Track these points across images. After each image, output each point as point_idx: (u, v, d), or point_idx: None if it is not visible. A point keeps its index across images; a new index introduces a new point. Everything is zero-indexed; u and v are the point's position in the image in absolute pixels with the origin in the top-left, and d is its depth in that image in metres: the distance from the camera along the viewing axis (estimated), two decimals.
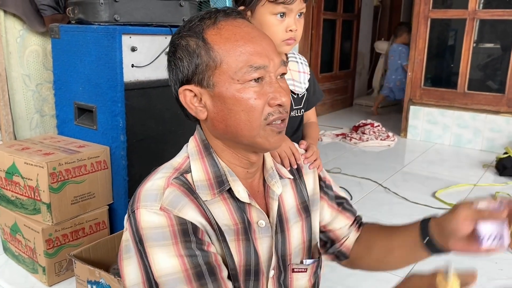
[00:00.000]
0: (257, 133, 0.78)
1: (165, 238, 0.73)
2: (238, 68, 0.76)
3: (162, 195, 0.76)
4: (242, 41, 0.77)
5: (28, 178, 1.72)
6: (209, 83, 0.78)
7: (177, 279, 0.72)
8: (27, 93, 2.32)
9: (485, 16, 3.88)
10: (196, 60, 0.78)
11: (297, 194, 0.95)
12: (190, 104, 0.81)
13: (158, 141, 1.98)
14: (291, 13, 1.17)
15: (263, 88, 0.78)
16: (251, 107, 0.77)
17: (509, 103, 3.78)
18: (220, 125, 0.80)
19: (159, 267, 0.72)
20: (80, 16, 1.87)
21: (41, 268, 1.74)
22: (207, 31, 0.78)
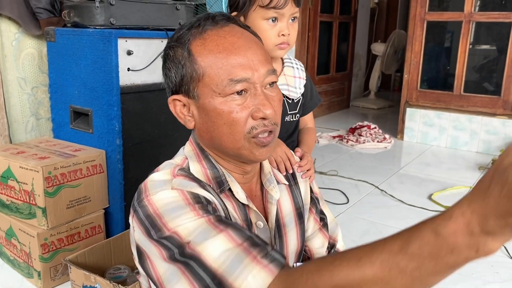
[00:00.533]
0: (241, 145, 0.78)
1: (182, 208, 0.70)
2: (219, 81, 0.75)
3: (171, 181, 0.75)
4: (224, 53, 0.75)
5: (23, 182, 1.71)
6: (194, 95, 0.78)
7: (205, 229, 0.67)
8: (23, 97, 2.31)
9: (481, 18, 3.89)
10: (182, 71, 0.78)
11: (293, 200, 0.96)
12: (180, 113, 0.82)
13: (154, 144, 1.98)
14: (283, 17, 1.17)
15: (246, 101, 0.76)
16: (233, 121, 0.76)
17: (505, 105, 3.79)
18: (206, 136, 0.81)
19: (184, 229, 0.68)
20: (75, 19, 1.87)
21: (36, 273, 1.74)
22: (192, 42, 0.78)
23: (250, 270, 0.62)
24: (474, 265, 2.01)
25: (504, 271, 1.97)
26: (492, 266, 2.01)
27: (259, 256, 0.64)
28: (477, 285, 1.86)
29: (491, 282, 1.89)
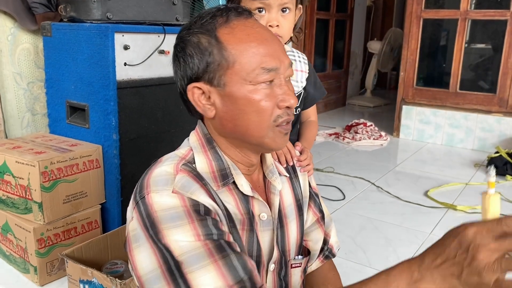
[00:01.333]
0: (265, 133, 0.79)
1: (180, 218, 0.71)
2: (251, 69, 0.76)
3: (173, 180, 0.75)
4: (255, 42, 0.77)
5: (19, 177, 1.70)
6: (219, 82, 0.78)
7: (199, 254, 0.68)
8: (19, 92, 2.30)
9: (477, 16, 3.90)
10: (208, 58, 0.77)
11: (293, 191, 0.97)
12: (198, 102, 0.81)
13: (151, 140, 1.98)
14: (270, 8, 1.16)
15: (272, 90, 0.78)
16: (262, 109, 0.77)
17: (500, 103, 3.81)
18: (228, 124, 0.80)
19: (178, 246, 0.69)
20: (72, 14, 1.86)
21: (32, 268, 1.73)
22: (219, 30, 0.77)
23: None
24: None
25: None
26: None
27: None
28: None
29: None
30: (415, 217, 2.48)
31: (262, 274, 0.87)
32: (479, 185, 3.03)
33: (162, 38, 1.94)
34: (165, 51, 1.95)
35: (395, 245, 2.15)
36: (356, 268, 1.92)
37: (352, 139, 4.05)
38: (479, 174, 3.26)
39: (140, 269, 0.72)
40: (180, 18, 2.07)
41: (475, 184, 3.03)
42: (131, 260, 0.74)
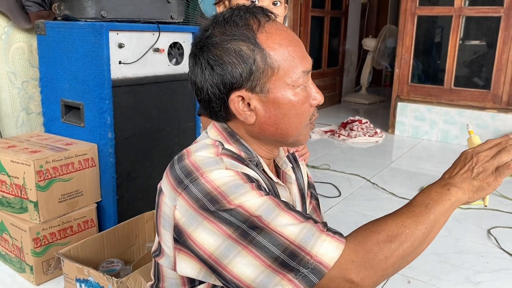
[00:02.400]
0: (301, 132, 0.83)
1: (243, 187, 0.74)
2: (293, 73, 0.78)
3: (222, 160, 0.77)
4: (292, 46, 0.79)
5: (14, 176, 1.70)
6: (263, 89, 0.78)
7: (269, 206, 0.72)
8: (13, 91, 2.29)
9: (471, 13, 3.92)
10: (252, 66, 0.76)
11: (297, 181, 1.01)
12: (240, 110, 0.80)
13: (146, 138, 1.98)
14: (261, 0, 1.18)
15: (306, 91, 0.81)
16: (303, 111, 0.81)
17: (495, 99, 3.83)
18: (270, 129, 0.82)
19: (251, 204, 0.72)
20: (66, 12, 1.85)
21: (28, 267, 1.73)
22: (258, 36, 0.77)
23: (324, 240, 0.70)
24: (465, 255, 2.04)
25: (494, 261, 2.00)
26: (482, 256, 2.04)
27: (325, 229, 0.72)
28: (467, 275, 1.89)
29: (481, 271, 1.92)
30: None
31: None
32: None
33: (157, 36, 1.93)
34: (159, 49, 1.95)
35: None
36: None
37: (347, 136, 4.06)
38: None
39: (208, 248, 0.72)
40: (174, 16, 2.06)
41: None
42: (193, 245, 0.74)
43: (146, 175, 1.99)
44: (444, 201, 0.75)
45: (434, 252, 2.06)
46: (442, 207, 0.75)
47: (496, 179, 0.77)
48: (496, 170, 0.77)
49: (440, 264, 1.96)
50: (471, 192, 0.78)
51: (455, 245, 2.14)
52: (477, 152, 0.79)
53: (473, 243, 2.16)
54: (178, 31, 2.05)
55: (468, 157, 0.80)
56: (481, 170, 0.78)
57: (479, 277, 1.87)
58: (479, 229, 2.32)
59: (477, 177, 0.78)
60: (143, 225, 1.87)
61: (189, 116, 2.16)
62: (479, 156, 0.79)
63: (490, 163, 0.77)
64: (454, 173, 0.79)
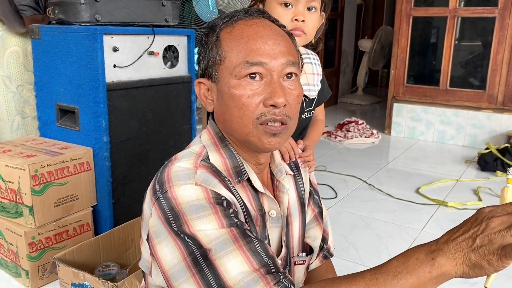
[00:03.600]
0: (249, 131, 0.78)
1: (204, 209, 0.72)
2: (237, 63, 0.77)
3: (195, 173, 0.76)
4: (246, 38, 0.78)
5: (9, 181, 1.69)
6: (215, 78, 0.81)
7: (225, 240, 0.70)
8: (8, 95, 2.29)
9: (466, 13, 3.93)
10: (208, 54, 0.81)
11: (297, 189, 0.98)
12: (202, 96, 0.85)
13: (142, 142, 1.97)
14: (297, 3, 1.17)
15: (260, 87, 0.77)
16: (243, 104, 0.77)
17: (490, 99, 3.84)
18: (220, 119, 0.83)
19: (205, 235, 0.70)
20: (60, 16, 1.85)
21: (24, 272, 1.72)
22: (222, 29, 0.81)
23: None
24: None
25: None
26: None
27: (272, 282, 0.67)
28: None
29: None
30: (407, 214, 2.50)
31: None
32: (470, 181, 3.05)
33: (152, 40, 1.93)
34: (154, 52, 1.95)
35: (387, 242, 2.17)
36: (348, 266, 1.93)
37: (344, 138, 4.07)
38: (470, 171, 3.29)
39: (164, 264, 0.72)
40: (169, 19, 2.06)
41: (466, 180, 3.06)
42: (156, 256, 0.75)
43: (141, 179, 1.99)
44: (421, 273, 0.60)
45: None
46: (415, 280, 0.60)
47: (501, 259, 0.58)
48: (503, 248, 0.58)
49: None
50: (466, 267, 0.60)
51: None
52: (492, 215, 0.60)
53: None
54: (173, 34, 2.05)
55: (479, 218, 0.61)
56: (485, 241, 0.58)
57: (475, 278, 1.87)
58: None
59: (478, 250, 0.59)
60: (139, 229, 1.86)
61: (185, 119, 2.16)
62: (491, 222, 0.59)
63: (501, 236, 0.58)
64: (454, 237, 0.61)
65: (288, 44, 0.81)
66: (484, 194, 2.81)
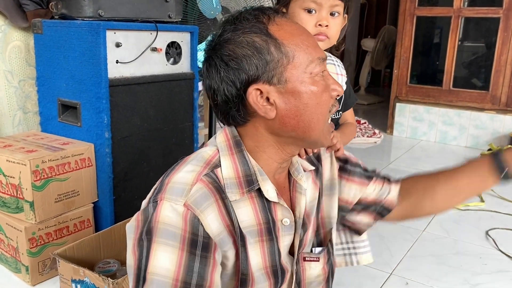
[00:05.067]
0: (324, 127, 0.80)
1: (175, 239, 0.71)
2: (309, 61, 0.76)
3: (189, 191, 0.74)
4: (304, 35, 0.78)
5: (10, 176, 1.69)
6: (280, 80, 0.75)
7: (165, 284, 0.70)
8: (10, 90, 2.28)
9: (470, 14, 3.91)
10: (267, 56, 0.75)
11: (318, 185, 0.96)
12: (259, 104, 0.77)
13: (143, 138, 1.96)
14: (321, 8, 1.16)
15: (325, 81, 0.79)
16: (324, 100, 0.78)
17: (493, 100, 3.82)
18: (291, 122, 0.78)
19: (155, 264, 0.70)
20: (63, 11, 1.84)
21: (24, 268, 1.72)
22: (269, 27, 0.76)
23: None
24: (463, 257, 2.03)
25: (492, 263, 1.99)
26: (480, 258, 2.03)
27: None
28: (466, 276, 1.88)
29: (480, 273, 1.91)
30: None
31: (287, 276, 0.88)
32: None
33: (155, 36, 1.92)
34: (157, 48, 1.94)
35: (388, 242, 2.15)
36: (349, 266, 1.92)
37: None
38: None
39: (127, 264, 0.76)
40: (172, 15, 2.05)
41: None
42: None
43: (143, 176, 1.98)
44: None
45: (432, 254, 2.06)
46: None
47: None
48: None
49: (438, 265, 1.96)
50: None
51: (453, 247, 2.13)
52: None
53: (471, 245, 2.16)
54: (176, 30, 2.04)
55: None
56: None
57: (477, 279, 1.87)
58: (478, 231, 2.31)
59: None
60: None
61: (187, 116, 2.15)
62: None
63: None
64: None
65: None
66: (487, 195, 2.79)
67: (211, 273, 0.73)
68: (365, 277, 1.86)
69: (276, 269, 0.83)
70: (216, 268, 0.74)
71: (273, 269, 0.83)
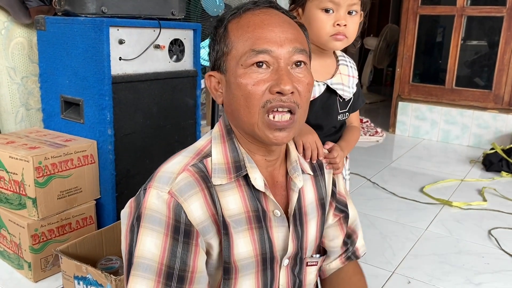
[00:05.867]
0: (255, 121, 0.77)
1: (160, 225, 0.75)
2: (243, 52, 0.77)
3: (175, 179, 0.78)
4: (252, 27, 0.78)
5: (13, 172, 1.69)
6: (224, 69, 0.81)
7: (150, 267, 0.74)
8: (12, 86, 2.28)
9: (473, 12, 3.90)
10: (217, 47, 0.82)
11: (317, 190, 0.95)
12: (213, 89, 0.85)
13: (146, 135, 1.96)
14: (339, 7, 1.15)
15: (267, 75, 0.76)
16: (249, 93, 0.76)
17: (496, 99, 3.81)
18: (228, 110, 0.83)
19: (141, 248, 0.75)
20: (66, 7, 1.84)
21: (26, 264, 1.72)
22: (230, 21, 0.81)
23: None
24: (465, 256, 2.03)
25: (494, 262, 1.99)
26: (483, 257, 2.03)
27: None
28: (468, 275, 1.88)
29: (482, 272, 1.91)
30: (411, 213, 2.48)
31: (276, 268, 0.87)
32: (475, 181, 3.03)
33: (158, 33, 1.92)
34: (160, 45, 1.94)
35: (390, 241, 2.15)
36: None
37: None
38: (474, 171, 3.27)
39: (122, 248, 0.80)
40: (176, 12, 2.05)
41: (471, 180, 3.04)
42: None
43: (145, 173, 1.98)
44: None
45: (434, 253, 2.05)
46: None
47: None
48: None
49: (441, 264, 1.95)
50: None
51: (455, 246, 2.13)
52: None
53: (473, 244, 2.15)
54: (179, 27, 2.04)
55: None
56: None
57: (480, 278, 1.86)
58: (480, 230, 2.31)
59: None
60: None
61: (190, 114, 2.15)
62: None
63: None
64: None
65: (296, 32, 0.80)
66: (489, 194, 2.79)
67: (193, 259, 0.76)
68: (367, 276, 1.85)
69: (265, 257, 0.84)
70: (199, 255, 0.77)
71: (263, 257, 0.84)
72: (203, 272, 0.78)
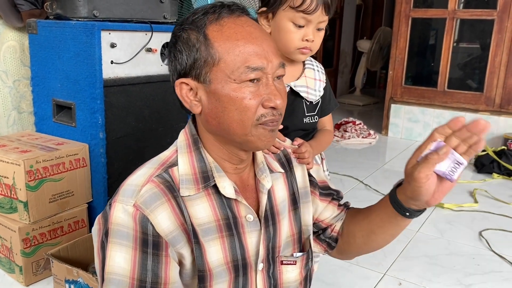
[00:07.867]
0: (248, 131, 0.79)
1: (128, 239, 0.75)
2: (235, 67, 0.76)
3: (139, 192, 0.77)
4: (242, 41, 0.77)
5: (4, 176, 1.68)
6: (205, 79, 0.78)
7: (122, 282, 0.74)
8: (4, 90, 2.28)
9: (465, 15, 3.94)
10: (195, 54, 0.78)
11: (288, 187, 0.97)
12: (186, 97, 0.82)
13: (138, 138, 1.97)
14: (310, 24, 1.17)
15: (258, 89, 0.78)
16: (245, 107, 0.77)
17: (488, 102, 3.84)
18: (213, 121, 0.81)
19: (111, 263, 0.74)
20: (58, 11, 1.84)
21: (18, 268, 1.71)
22: (209, 27, 0.78)
23: None
24: (456, 257, 2.05)
25: (485, 264, 2.00)
26: (473, 258, 2.05)
27: None
28: (458, 277, 1.89)
29: (473, 274, 1.92)
30: None
31: (251, 275, 0.87)
32: (466, 183, 3.05)
33: (149, 36, 1.93)
34: (152, 49, 1.94)
35: None
36: (343, 266, 1.93)
37: (341, 138, 4.06)
38: (466, 172, 3.29)
39: (94, 262, 0.81)
40: (167, 16, 2.06)
41: (462, 182, 3.06)
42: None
43: None
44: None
45: (425, 254, 2.07)
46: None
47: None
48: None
49: (431, 266, 1.97)
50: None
51: (446, 247, 2.15)
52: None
53: (464, 245, 2.17)
54: (171, 31, 2.04)
55: None
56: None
57: (470, 279, 1.88)
58: (471, 231, 2.32)
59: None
60: None
61: (182, 117, 2.15)
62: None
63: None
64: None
65: (274, 43, 0.82)
66: (480, 196, 2.81)
67: (165, 270, 0.76)
68: (359, 278, 1.87)
69: (237, 264, 0.84)
70: (170, 265, 0.77)
71: (234, 264, 0.84)
72: (176, 282, 0.78)
